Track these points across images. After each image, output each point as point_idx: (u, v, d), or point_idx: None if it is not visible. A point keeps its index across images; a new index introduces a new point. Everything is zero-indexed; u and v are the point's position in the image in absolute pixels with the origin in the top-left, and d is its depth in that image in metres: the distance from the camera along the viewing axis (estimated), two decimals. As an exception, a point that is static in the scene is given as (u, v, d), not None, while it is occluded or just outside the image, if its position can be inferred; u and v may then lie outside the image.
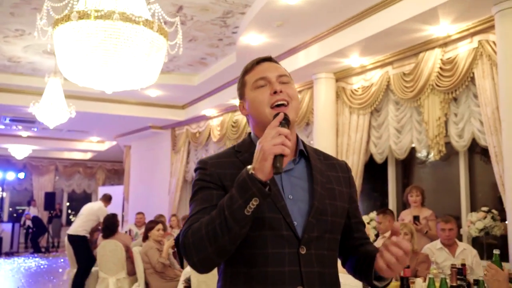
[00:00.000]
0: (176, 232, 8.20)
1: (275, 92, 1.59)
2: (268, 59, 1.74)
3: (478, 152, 6.31)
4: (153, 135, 12.98)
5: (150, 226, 5.51)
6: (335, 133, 7.55)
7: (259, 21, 6.30)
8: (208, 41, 7.72)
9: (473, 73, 5.61)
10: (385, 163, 7.18)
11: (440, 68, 5.98)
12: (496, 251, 3.21)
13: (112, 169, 19.55)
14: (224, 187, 1.54)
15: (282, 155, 1.37)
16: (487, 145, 5.42)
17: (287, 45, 7.20)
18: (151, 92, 10.08)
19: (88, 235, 8.17)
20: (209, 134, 10.95)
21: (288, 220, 1.50)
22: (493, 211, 5.51)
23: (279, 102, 1.58)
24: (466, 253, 4.67)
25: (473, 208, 6.05)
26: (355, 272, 1.67)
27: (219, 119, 10.67)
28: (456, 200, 6.25)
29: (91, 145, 16.79)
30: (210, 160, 1.63)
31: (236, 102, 9.36)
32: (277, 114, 1.51)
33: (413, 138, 6.47)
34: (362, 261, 1.61)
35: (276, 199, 1.51)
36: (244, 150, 1.64)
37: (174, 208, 11.58)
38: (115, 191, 16.10)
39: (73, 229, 8.16)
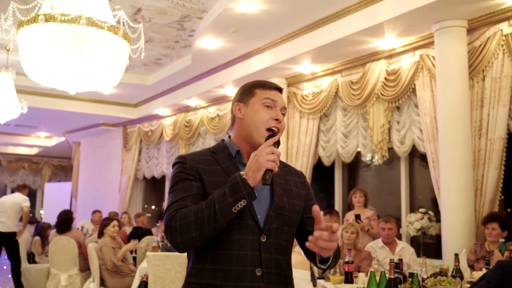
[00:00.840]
0: (128, 229, 8.26)
1: (276, 119, 1.84)
2: (281, 89, 1.95)
3: (417, 157, 6.78)
4: (104, 132, 12.91)
5: (105, 223, 5.60)
6: (285, 136, 7.86)
7: (216, 26, 6.51)
8: (164, 43, 7.85)
9: (414, 85, 6.05)
10: (332, 165, 7.55)
11: (385, 78, 6.39)
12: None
13: (59, 165, 19.15)
14: (201, 180, 1.77)
15: (271, 171, 1.65)
16: (425, 151, 5.87)
17: (242, 50, 7.44)
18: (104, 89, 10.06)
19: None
20: (162, 133, 11.04)
21: (252, 212, 1.75)
22: (430, 212, 5.95)
23: (274, 129, 1.83)
24: (405, 251, 5.08)
25: (412, 209, 6.50)
26: (310, 259, 1.94)
27: (172, 119, 10.78)
28: (397, 201, 6.69)
29: (38, 140, 16.42)
30: (189, 156, 1.85)
31: (190, 102, 9.56)
32: (270, 136, 1.78)
33: (359, 143, 6.87)
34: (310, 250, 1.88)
35: None
36: (218, 152, 1.87)
37: (125, 206, 11.59)
38: (63, 187, 15.87)
39: (6, 227, 8.02)
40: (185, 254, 4.51)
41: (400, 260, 3.30)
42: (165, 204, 11.29)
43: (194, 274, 1.76)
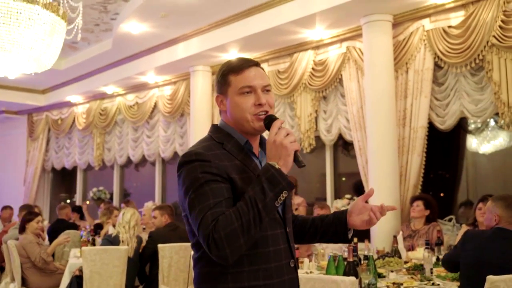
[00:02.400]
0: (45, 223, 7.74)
1: (259, 104, 1.68)
2: (256, 64, 1.76)
3: (339, 145, 7.06)
4: (6, 120, 11.97)
5: (28, 218, 5.20)
6: (210, 124, 7.77)
7: (144, 10, 6.27)
8: (83, 26, 7.36)
9: (341, 75, 6.28)
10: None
11: (313, 68, 6.56)
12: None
13: None
14: (231, 180, 1.60)
15: (297, 151, 1.59)
16: (352, 139, 6.13)
17: (168, 36, 7.25)
18: (9, 74, 9.31)
19: None
20: (73, 122, 10.47)
21: None
22: (355, 198, 6.24)
23: (262, 114, 1.68)
24: (338, 235, 5.27)
25: (337, 195, 6.77)
26: (316, 237, 1.91)
27: (85, 106, 10.26)
28: (323, 188, 6.92)
29: None
30: (206, 152, 1.62)
31: (107, 89, 9.16)
32: (267, 118, 1.67)
33: (286, 131, 6.99)
34: (319, 225, 1.87)
35: None
36: (226, 141, 1.70)
37: (31, 199, 10.85)
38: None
39: None
40: (125, 247, 4.29)
41: (356, 243, 3.43)
42: (77, 197, 10.74)
43: (232, 279, 1.61)
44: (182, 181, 1.63)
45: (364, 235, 5.83)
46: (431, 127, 5.59)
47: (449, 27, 5.38)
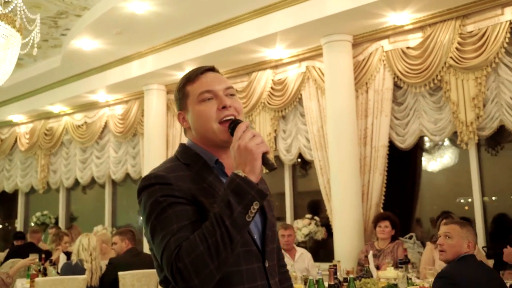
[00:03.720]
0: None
1: (223, 107, 1.51)
2: (212, 69, 1.61)
3: (297, 164, 7.02)
4: None
5: None
6: (165, 145, 7.57)
7: (98, 26, 6.05)
8: (26, 42, 7.04)
9: (301, 94, 6.27)
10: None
11: (272, 88, 6.52)
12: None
13: None
14: (197, 203, 1.42)
15: (266, 153, 1.38)
16: (313, 159, 6.10)
17: (121, 53, 7.02)
18: None
19: None
20: (15, 142, 9.90)
21: (251, 234, 1.48)
22: (316, 217, 6.19)
23: (228, 118, 1.50)
24: (303, 257, 5.19)
25: (296, 214, 6.70)
26: None
27: (28, 126, 9.74)
28: (282, 207, 6.84)
29: None
30: (170, 174, 1.44)
31: (54, 108, 8.76)
32: (231, 124, 1.49)
33: (244, 151, 6.88)
34: None
35: None
36: (193, 163, 1.53)
37: (-33, 225, 10.12)
38: None
39: None
40: (84, 277, 4.00)
41: (335, 265, 3.34)
42: (17, 222, 10.12)
43: None
44: (142, 208, 1.44)
45: (328, 254, 5.79)
46: (391, 145, 5.66)
47: (408, 48, 5.50)
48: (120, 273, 4.40)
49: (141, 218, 1.48)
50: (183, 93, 1.58)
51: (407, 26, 5.45)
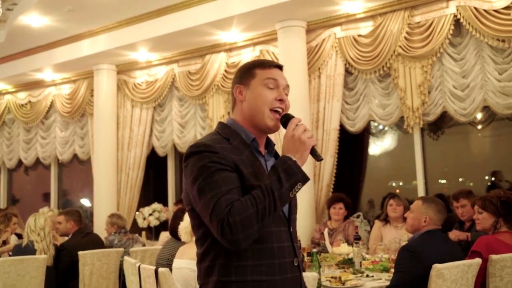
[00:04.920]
0: None
1: (280, 100, 1.76)
2: (281, 67, 1.87)
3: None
4: None
5: None
6: (115, 126, 7.49)
7: (48, 2, 5.87)
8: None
9: (254, 78, 6.38)
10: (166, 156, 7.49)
11: (225, 70, 6.60)
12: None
13: None
14: (239, 171, 1.63)
15: (315, 146, 1.66)
16: (266, 141, 6.25)
17: (72, 31, 6.85)
18: None
19: None
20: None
21: None
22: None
23: (278, 109, 1.76)
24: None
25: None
26: None
27: (-34, 104, 9.28)
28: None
29: None
30: (216, 144, 1.65)
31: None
32: (283, 117, 1.76)
33: (197, 133, 6.96)
34: None
35: None
36: (232, 138, 1.73)
37: None
38: None
39: None
40: (44, 256, 4.01)
41: (299, 241, 3.52)
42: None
43: (235, 272, 1.62)
44: (189, 171, 1.64)
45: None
46: (341, 129, 5.91)
47: (359, 36, 5.74)
48: (80, 253, 4.39)
49: (185, 180, 1.68)
50: (249, 73, 1.81)
51: (359, 14, 5.67)
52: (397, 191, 6.62)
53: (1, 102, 8.85)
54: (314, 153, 1.68)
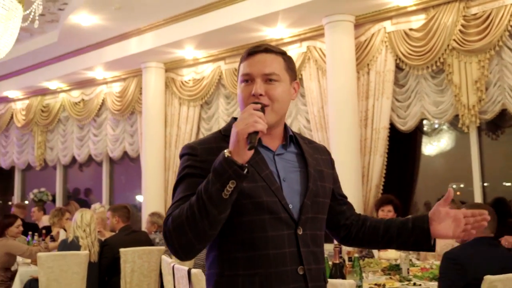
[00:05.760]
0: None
1: (253, 95, 1.55)
2: (263, 50, 1.62)
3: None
4: None
5: (8, 222, 4.76)
6: (163, 124, 7.53)
7: (97, 1, 5.94)
8: (26, 15, 6.93)
9: (301, 75, 6.23)
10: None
11: (272, 67, 6.46)
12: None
13: None
14: None
15: (256, 132, 1.39)
16: (313, 140, 6.07)
17: (120, 29, 6.92)
18: None
19: None
20: (11, 119, 9.81)
21: (283, 202, 1.54)
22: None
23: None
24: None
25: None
26: (392, 245, 1.77)
27: (25, 103, 9.64)
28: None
29: None
30: (200, 146, 1.57)
31: (50, 85, 8.70)
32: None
33: (243, 131, 6.86)
34: (396, 233, 1.71)
35: (271, 182, 1.54)
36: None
37: (-38, 201, 10.08)
38: None
39: None
40: (85, 252, 4.03)
41: (340, 245, 3.36)
42: (14, 199, 10.11)
43: (226, 283, 1.52)
44: None
45: (328, 235, 5.82)
46: (392, 128, 5.64)
47: (411, 29, 5.46)
48: (121, 250, 4.40)
49: None
50: (238, 68, 1.68)
51: (410, 7, 5.40)
52: (458, 193, 6.31)
53: (56, 101, 9.11)
54: (248, 140, 1.39)
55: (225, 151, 1.39)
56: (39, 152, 9.28)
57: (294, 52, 6.32)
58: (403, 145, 6.09)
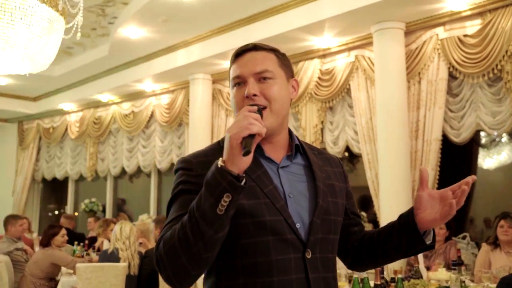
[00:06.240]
0: (28, 236, 7.36)
1: (246, 97, 1.40)
2: (251, 48, 1.50)
3: (344, 158, 6.79)
4: (-4, 128, 11.59)
5: (53, 232, 4.87)
6: (210, 135, 7.51)
7: (144, 13, 6.00)
8: (69, 27, 7.11)
9: (349, 85, 6.03)
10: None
11: (319, 78, 6.30)
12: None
13: None
14: None
15: (251, 136, 1.22)
16: (360, 152, 5.85)
17: (167, 42, 6.98)
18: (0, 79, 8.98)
19: None
20: (66, 130, 10.12)
21: (290, 221, 1.35)
22: (363, 213, 5.96)
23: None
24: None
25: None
26: (377, 256, 1.54)
27: (78, 115, 9.92)
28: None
29: None
30: (195, 159, 1.42)
31: (102, 97, 8.89)
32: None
33: (289, 143, 6.71)
34: (387, 237, 1.50)
35: (275, 199, 1.37)
36: None
37: (20, 210, 10.43)
38: None
39: None
40: (124, 265, 3.97)
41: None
42: (67, 209, 10.37)
43: None
44: None
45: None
46: (444, 139, 5.33)
47: (465, 36, 5.15)
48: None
49: None
50: (229, 75, 1.53)
51: (465, 12, 5.10)
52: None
53: (108, 113, 9.30)
54: (242, 145, 1.22)
55: (218, 160, 1.23)
56: (91, 163, 9.49)
57: (342, 61, 6.14)
58: (457, 158, 5.75)
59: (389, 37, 5.42)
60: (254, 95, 1.40)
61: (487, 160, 6.21)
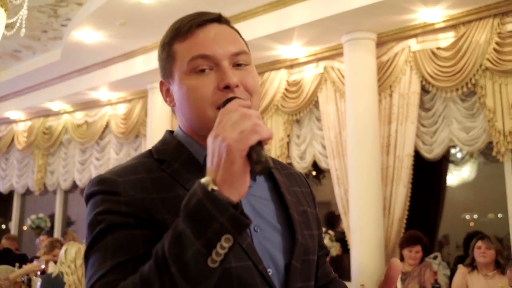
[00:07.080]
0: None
1: (226, 87, 1.00)
2: (217, 19, 1.09)
3: (309, 174, 6.52)
4: None
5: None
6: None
7: (100, 15, 5.58)
8: (29, 31, 6.59)
9: (317, 97, 5.77)
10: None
11: (286, 89, 6.02)
12: None
13: None
14: (154, 223, 0.93)
15: (260, 143, 0.84)
16: (328, 167, 5.58)
17: (125, 47, 6.55)
18: None
19: None
20: (12, 140, 9.44)
21: (261, 267, 0.98)
22: (330, 232, 5.68)
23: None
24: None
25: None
26: None
27: (27, 124, 9.28)
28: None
29: None
30: (121, 178, 0.97)
31: (53, 106, 8.30)
32: (228, 100, 0.97)
33: (253, 157, 6.39)
34: None
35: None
36: (171, 158, 1.05)
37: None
38: None
39: None
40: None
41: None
42: (12, 225, 9.64)
43: None
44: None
45: (342, 272, 5.26)
46: (416, 155, 5.13)
47: (438, 48, 4.99)
48: None
49: None
50: (168, 53, 1.08)
51: (438, 24, 4.95)
52: (472, 224, 5.79)
53: (59, 123, 8.73)
54: (253, 158, 0.82)
55: (204, 181, 0.82)
56: (39, 176, 8.84)
57: (310, 72, 5.89)
58: (427, 175, 5.58)
59: (361, 48, 5.21)
60: (236, 86, 1.00)
61: (452, 177, 6.09)
